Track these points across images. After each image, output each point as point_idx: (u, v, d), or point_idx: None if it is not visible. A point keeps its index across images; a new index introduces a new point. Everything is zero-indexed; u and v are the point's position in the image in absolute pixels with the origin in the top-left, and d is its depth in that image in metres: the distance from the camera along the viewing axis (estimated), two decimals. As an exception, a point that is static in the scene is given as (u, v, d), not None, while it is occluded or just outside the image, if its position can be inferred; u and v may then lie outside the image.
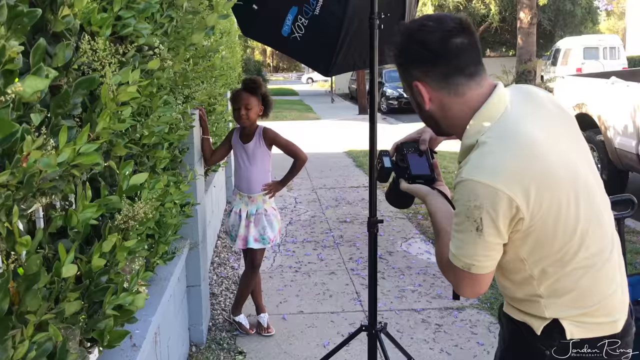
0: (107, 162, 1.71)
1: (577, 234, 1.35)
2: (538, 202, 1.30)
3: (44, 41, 1.18)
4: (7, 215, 1.07)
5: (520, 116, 1.40)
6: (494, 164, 1.33)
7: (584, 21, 29.99)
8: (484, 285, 1.42)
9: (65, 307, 1.32)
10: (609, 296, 1.42)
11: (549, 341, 1.44)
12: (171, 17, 2.22)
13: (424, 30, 1.43)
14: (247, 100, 3.36)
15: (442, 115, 1.47)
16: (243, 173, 3.48)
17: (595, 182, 1.43)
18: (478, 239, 1.34)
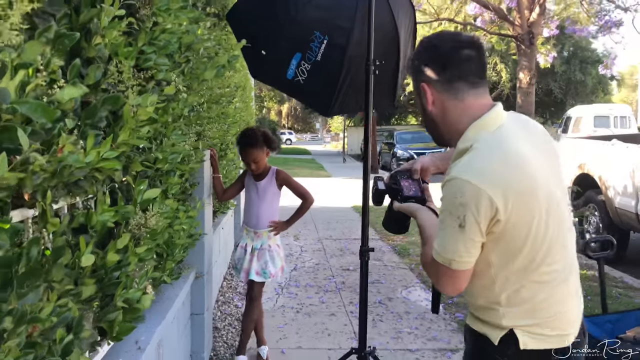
0: (125, 177, 1.95)
1: (543, 249, 1.51)
2: (515, 210, 1.45)
3: (79, 61, 1.45)
4: (42, 197, 1.29)
5: (514, 134, 1.56)
6: (483, 167, 1.48)
7: (595, 91, 30.51)
8: (462, 282, 1.55)
9: (82, 290, 1.52)
10: (562, 312, 1.57)
11: (504, 351, 1.57)
12: (188, 58, 2.51)
13: (440, 38, 1.66)
14: (252, 155, 3.56)
15: (442, 118, 1.63)
16: (253, 209, 3.68)
17: (566, 211, 1.61)
18: (460, 235, 1.47)
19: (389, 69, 2.81)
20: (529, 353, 1.54)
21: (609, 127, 21.20)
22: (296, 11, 2.66)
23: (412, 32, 3.06)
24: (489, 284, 1.57)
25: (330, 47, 2.68)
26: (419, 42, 1.74)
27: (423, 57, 1.64)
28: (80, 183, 1.53)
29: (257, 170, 3.61)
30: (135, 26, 1.87)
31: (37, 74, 1.08)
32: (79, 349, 1.49)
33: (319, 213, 10.11)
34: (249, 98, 8.75)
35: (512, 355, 1.56)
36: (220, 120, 4.19)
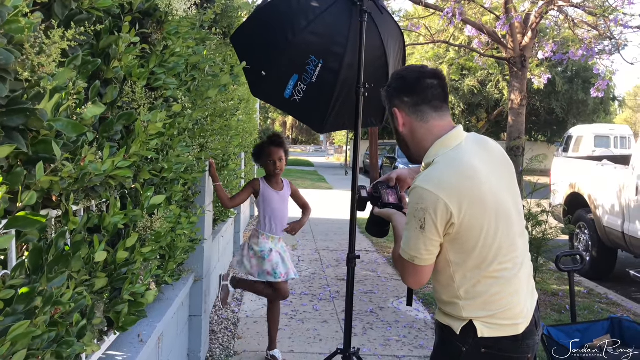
0: (134, 184, 2.17)
1: (493, 250, 1.77)
2: (467, 215, 1.71)
3: (99, 83, 1.68)
4: (66, 199, 1.51)
5: (469, 151, 1.83)
6: (440, 178, 1.75)
7: (596, 111, 30.74)
8: (424, 277, 1.82)
9: (95, 282, 1.74)
10: (514, 305, 1.82)
11: (464, 339, 1.83)
12: (194, 77, 2.74)
13: (407, 70, 1.98)
14: (280, 153, 3.88)
15: (411, 139, 1.92)
16: (279, 216, 3.93)
17: (515, 215, 1.86)
18: (421, 236, 1.74)
19: (378, 91, 3.02)
20: (486, 340, 1.80)
21: (609, 147, 21.41)
22: (294, 36, 2.89)
23: (402, 58, 3.30)
24: (449, 281, 1.83)
25: (324, 70, 2.92)
26: (392, 74, 2.03)
27: (393, 86, 1.95)
28: (96, 188, 1.75)
29: (281, 169, 3.88)
30: (148, 50, 2.10)
31: (69, 97, 1.30)
32: (92, 333, 1.71)
33: (318, 224, 10.31)
34: (253, 110, 8.98)
35: (472, 343, 1.81)
36: (223, 133, 4.42)
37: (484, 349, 1.81)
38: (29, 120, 1.15)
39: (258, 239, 3.93)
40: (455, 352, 1.85)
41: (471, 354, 1.82)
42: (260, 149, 3.98)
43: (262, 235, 3.93)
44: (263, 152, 3.93)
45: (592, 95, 6.68)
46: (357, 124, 2.84)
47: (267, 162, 3.90)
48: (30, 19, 1.15)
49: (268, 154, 3.88)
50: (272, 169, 3.90)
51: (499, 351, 1.81)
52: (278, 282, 3.89)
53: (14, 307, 1.16)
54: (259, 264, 3.86)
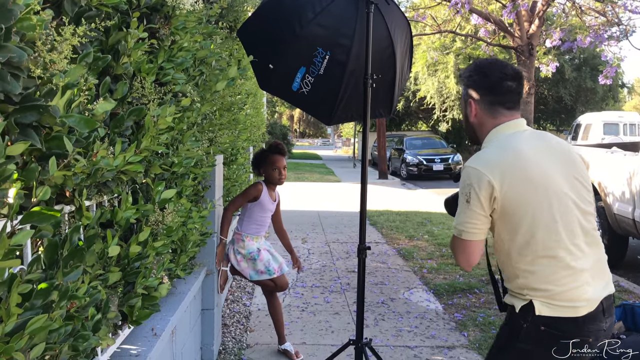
0: (145, 179, 2.19)
1: (542, 227, 1.87)
2: (510, 190, 1.85)
3: (109, 79, 1.69)
4: (79, 195, 1.53)
5: (521, 138, 1.99)
6: (486, 157, 1.93)
7: (605, 98, 30.50)
8: (472, 255, 1.94)
9: (109, 276, 1.76)
10: (573, 287, 1.87)
11: (524, 316, 1.91)
12: (202, 71, 2.75)
13: (491, 68, 2.07)
14: (284, 161, 3.90)
15: (479, 127, 2.09)
16: (265, 222, 3.97)
17: (575, 203, 1.91)
18: (467, 210, 1.90)
19: (386, 82, 3.03)
20: (544, 318, 1.88)
21: (618, 135, 21.24)
22: (301, 28, 2.89)
23: (409, 48, 3.29)
24: (507, 259, 1.96)
25: (331, 62, 2.92)
26: (473, 62, 2.18)
27: (474, 79, 2.09)
28: (108, 184, 1.77)
29: (284, 178, 3.91)
30: (156, 46, 2.11)
31: (81, 93, 1.31)
32: (107, 327, 1.73)
33: (327, 217, 10.33)
34: (260, 104, 8.99)
35: (531, 320, 1.90)
36: (231, 127, 4.43)
37: (543, 327, 1.89)
38: (42, 117, 1.16)
39: (243, 242, 3.88)
40: (517, 328, 1.95)
41: (531, 330, 1.91)
42: (262, 156, 3.93)
43: (247, 237, 3.90)
44: (266, 160, 3.88)
45: (601, 82, 6.64)
46: (365, 115, 2.84)
47: (271, 171, 3.87)
48: (42, 16, 1.16)
49: (272, 162, 3.86)
50: (277, 178, 3.88)
51: (558, 331, 1.88)
52: (273, 278, 3.91)
53: (32, 301, 1.18)
54: (250, 266, 3.86)
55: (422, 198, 14.43)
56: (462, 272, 6.33)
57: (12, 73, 1.08)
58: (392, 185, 18.13)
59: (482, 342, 4.21)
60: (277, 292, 4.10)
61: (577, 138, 22.46)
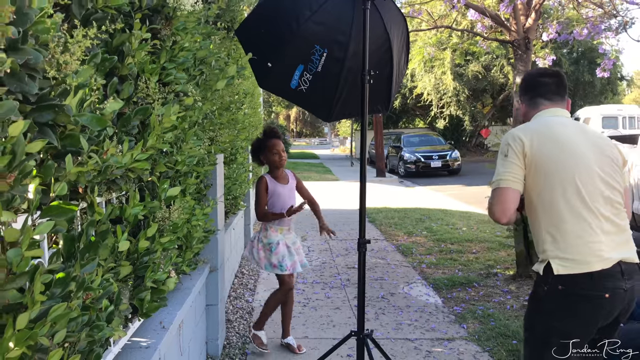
0: (150, 177, 2.25)
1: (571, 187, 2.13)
2: (539, 150, 2.16)
3: (116, 79, 1.75)
4: (91, 191, 1.59)
5: (561, 120, 2.30)
6: (522, 127, 2.29)
7: (604, 91, 30.58)
8: (508, 203, 2.17)
9: (121, 270, 1.82)
10: (588, 242, 2.09)
11: (546, 279, 2.15)
12: (202, 71, 2.81)
13: (531, 72, 2.53)
14: (281, 144, 3.98)
15: (526, 117, 2.46)
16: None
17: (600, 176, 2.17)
18: (505, 162, 2.20)
19: (383, 78, 3.09)
20: (562, 277, 2.10)
21: (617, 128, 21.30)
22: (298, 26, 2.95)
23: (405, 44, 3.35)
24: (534, 219, 2.22)
25: (329, 59, 2.98)
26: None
27: (521, 85, 2.52)
28: (117, 181, 1.83)
29: (285, 160, 3.95)
30: (159, 46, 2.17)
31: (92, 93, 1.37)
32: (119, 318, 1.79)
33: (326, 215, 10.31)
34: (257, 104, 9.05)
35: (551, 281, 2.13)
36: (230, 126, 4.50)
37: (561, 286, 2.10)
38: (57, 116, 1.22)
39: (267, 232, 3.97)
40: (540, 293, 2.19)
41: (550, 291, 2.13)
42: (259, 144, 4.00)
43: (271, 228, 3.98)
44: (264, 147, 3.95)
45: (598, 75, 6.69)
46: (363, 112, 2.90)
47: (271, 155, 3.93)
48: (55, 19, 1.22)
49: (270, 147, 3.92)
50: (277, 160, 3.94)
51: (575, 287, 2.10)
52: (283, 275, 3.97)
53: (51, 290, 1.24)
54: (266, 256, 3.93)
55: (421, 195, 14.50)
56: (461, 267, 6.40)
57: (28, 74, 1.14)
58: (390, 183, 18.19)
59: (481, 334, 4.27)
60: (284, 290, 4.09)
61: (575, 132, 22.47)
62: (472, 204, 12.05)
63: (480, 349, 4.05)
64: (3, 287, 1.08)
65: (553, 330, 2.16)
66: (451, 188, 16.24)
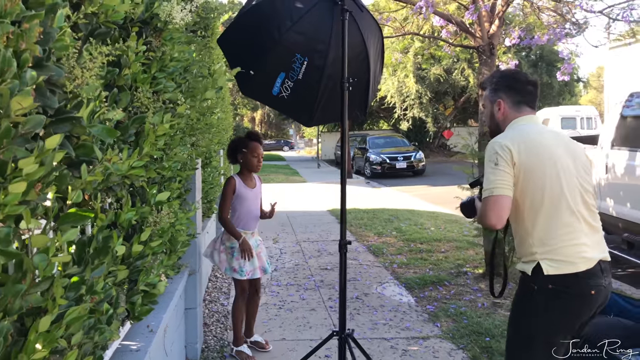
0: (141, 182, 2.30)
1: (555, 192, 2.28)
2: (526, 158, 2.28)
3: (116, 90, 1.81)
4: (94, 198, 1.65)
5: (537, 127, 2.46)
6: (506, 135, 2.41)
7: (562, 92, 31.49)
8: (502, 210, 2.25)
9: (118, 274, 1.87)
10: (573, 245, 2.26)
11: (535, 279, 2.28)
12: (186, 79, 2.87)
13: (517, 75, 2.60)
14: (261, 149, 4.05)
15: (503, 122, 2.54)
16: (254, 213, 4.05)
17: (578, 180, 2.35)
18: (495, 170, 2.28)
19: (361, 85, 3.21)
20: (551, 277, 2.25)
21: (575, 129, 21.95)
22: (280, 36, 3.04)
23: (381, 51, 3.47)
24: (520, 222, 2.36)
25: (310, 67, 3.07)
26: (499, 71, 2.73)
27: (503, 83, 2.56)
28: (114, 187, 1.88)
29: (261, 165, 4.03)
30: (150, 57, 2.23)
31: (101, 105, 1.44)
32: (117, 321, 1.85)
33: (296, 217, 10.47)
34: (228, 107, 9.09)
35: (540, 280, 2.27)
36: (207, 131, 4.55)
37: (551, 285, 2.25)
38: (74, 128, 1.28)
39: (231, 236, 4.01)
40: (529, 292, 2.32)
41: (541, 290, 2.27)
42: (241, 144, 4.03)
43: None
44: (247, 147, 3.99)
45: (559, 78, 6.97)
46: (343, 117, 3.00)
47: (251, 157, 3.99)
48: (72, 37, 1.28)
49: (253, 149, 3.98)
50: (255, 164, 4.00)
51: (564, 287, 2.25)
52: (241, 280, 4.02)
53: (67, 294, 1.30)
54: (227, 260, 3.98)
55: (388, 196, 14.71)
56: (432, 266, 6.57)
57: (50, 89, 1.20)
58: (357, 184, 18.38)
59: (455, 332, 4.42)
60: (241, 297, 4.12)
61: (535, 133, 23.07)
62: (438, 204, 12.29)
63: (455, 346, 4.20)
64: (28, 291, 1.14)
65: (542, 327, 2.29)
66: (417, 188, 16.52)
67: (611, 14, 6.02)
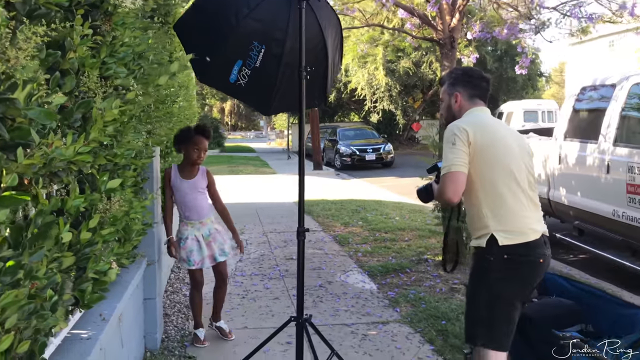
0: (90, 169, 2.27)
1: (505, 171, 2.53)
2: (480, 140, 2.51)
3: (58, 74, 1.78)
4: (36, 183, 1.63)
5: (489, 116, 2.74)
6: (463, 120, 2.67)
7: (525, 87, 31.97)
8: (459, 185, 2.48)
9: (63, 261, 1.85)
10: (523, 217, 2.52)
11: (490, 250, 2.51)
12: (141, 65, 2.84)
13: (473, 71, 2.90)
14: (206, 145, 4.01)
15: (459, 113, 2.78)
16: (191, 204, 4.01)
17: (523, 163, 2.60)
18: (453, 149, 2.51)
19: (319, 74, 3.21)
20: (506, 247, 2.48)
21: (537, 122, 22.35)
22: (237, 22, 3.02)
23: (339, 41, 3.48)
24: (475, 198, 2.57)
25: (267, 55, 3.07)
26: (457, 68, 3.16)
27: (461, 79, 2.82)
28: (59, 173, 1.86)
29: (202, 159, 3.99)
30: (99, 41, 2.20)
31: (39, 87, 1.42)
32: (63, 308, 1.83)
33: (264, 208, 10.45)
34: (192, 97, 8.99)
35: (496, 252, 2.50)
36: (166, 119, 4.50)
37: (506, 255, 2.49)
38: (7, 109, 1.26)
39: (180, 226, 4.09)
40: (485, 264, 2.54)
41: (497, 261, 2.50)
42: (186, 135, 4.00)
43: (182, 222, 4.07)
44: (189, 140, 3.96)
45: (517, 72, 7.10)
46: (301, 105, 3.01)
47: (192, 150, 3.95)
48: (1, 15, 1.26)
49: (195, 142, 3.94)
50: (195, 158, 3.96)
51: (517, 255, 2.49)
52: (192, 270, 4.06)
53: (2, 278, 1.28)
54: (178, 251, 4.02)
55: (356, 187, 14.77)
56: (395, 254, 6.64)
57: (-20, 69, 1.18)
58: (326, 175, 18.41)
59: (413, 316, 4.49)
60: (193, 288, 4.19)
61: (500, 126, 23.44)
62: (404, 194, 12.40)
63: (412, 330, 4.27)
64: (-43, 274, 1.13)
65: (500, 294, 2.52)
66: (385, 180, 16.63)
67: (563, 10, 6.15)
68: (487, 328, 2.56)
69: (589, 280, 5.57)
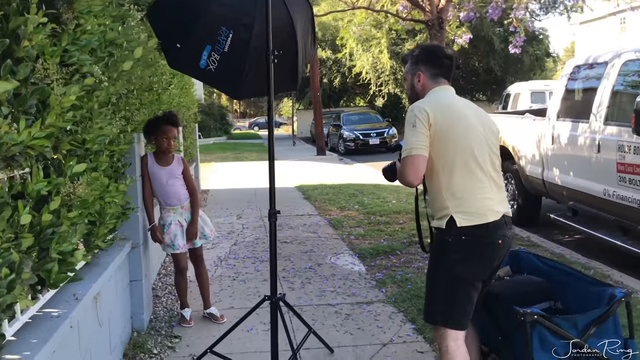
0: (55, 155, 2.35)
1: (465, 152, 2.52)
2: (441, 120, 2.51)
3: (10, 61, 1.85)
4: (-14, 167, 1.70)
5: (452, 95, 2.71)
6: (424, 101, 2.64)
7: (532, 68, 31.67)
8: (420, 167, 2.47)
9: (22, 241, 1.94)
10: (482, 199, 2.53)
11: (449, 231, 2.52)
12: (111, 52, 2.91)
13: (435, 49, 2.89)
14: (174, 132, 4.07)
15: (422, 92, 2.74)
16: (169, 190, 4.09)
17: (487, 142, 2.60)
18: (414, 131, 2.50)
19: (288, 58, 3.26)
20: (464, 229, 2.49)
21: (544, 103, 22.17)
22: (205, 9, 3.07)
23: (311, 26, 3.52)
24: (436, 178, 2.57)
25: (235, 40, 3.12)
26: (419, 45, 3.05)
27: (423, 57, 2.78)
28: (16, 158, 1.94)
29: (174, 147, 4.06)
30: (59, 30, 2.27)
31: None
32: (21, 286, 1.92)
33: (262, 193, 10.52)
34: (190, 84, 9.04)
35: (454, 233, 2.51)
36: (152, 107, 4.57)
37: (464, 236, 2.50)
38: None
39: (162, 213, 4.19)
40: (444, 245, 2.56)
41: (455, 242, 2.52)
42: (154, 125, 4.04)
43: (164, 210, 4.17)
44: (157, 129, 4.00)
45: (511, 51, 7.12)
46: (269, 89, 3.07)
47: (161, 139, 4.00)
48: None
49: (163, 132, 3.99)
50: (165, 146, 4.02)
51: (475, 237, 2.50)
52: (176, 254, 4.17)
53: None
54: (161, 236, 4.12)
55: (358, 172, 14.82)
56: (387, 237, 6.71)
57: None
58: (329, 161, 18.46)
59: (398, 297, 4.57)
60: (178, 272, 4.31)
61: (507, 107, 23.31)
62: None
63: (396, 309, 4.34)
64: None
65: (459, 274, 2.54)
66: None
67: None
68: (446, 307, 2.57)
69: (579, 261, 5.61)
